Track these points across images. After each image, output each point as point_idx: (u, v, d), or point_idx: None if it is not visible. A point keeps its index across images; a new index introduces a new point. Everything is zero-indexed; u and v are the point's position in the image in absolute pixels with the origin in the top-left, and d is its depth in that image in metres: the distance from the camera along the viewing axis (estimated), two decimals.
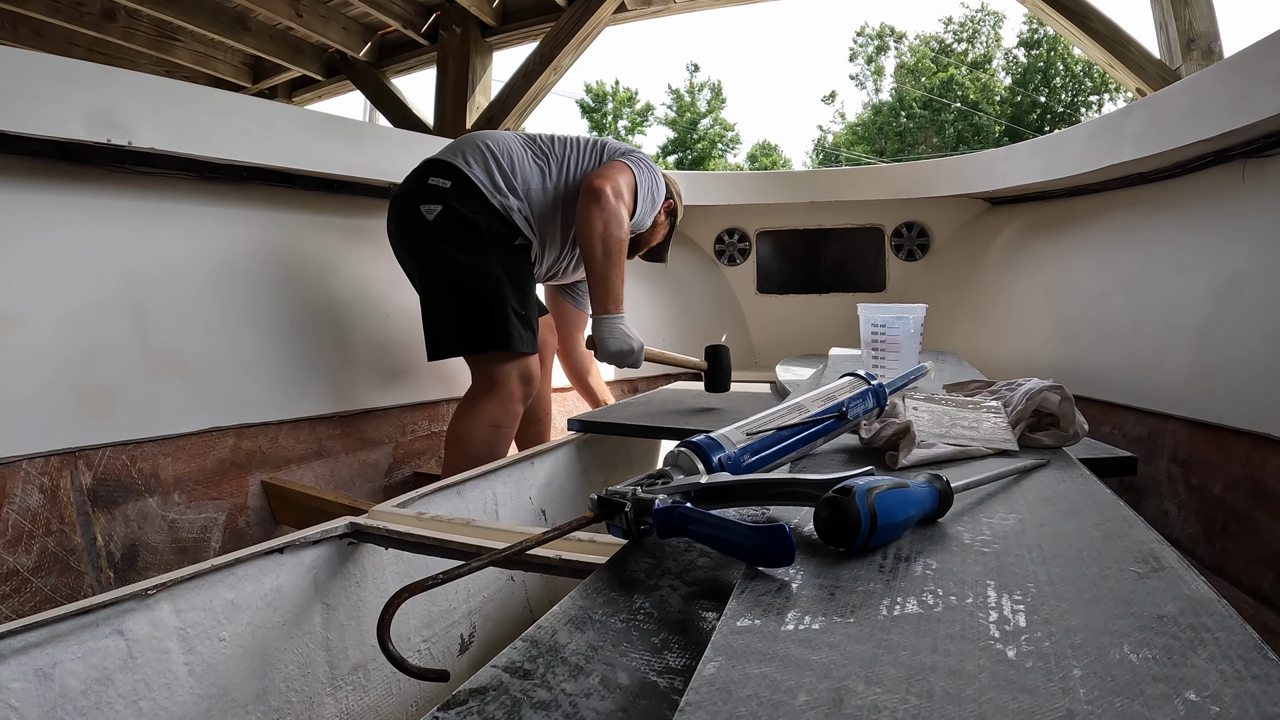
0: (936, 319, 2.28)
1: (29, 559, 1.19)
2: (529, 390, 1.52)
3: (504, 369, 1.47)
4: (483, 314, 1.43)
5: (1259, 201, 1.37)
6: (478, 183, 1.45)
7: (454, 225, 1.43)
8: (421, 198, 1.45)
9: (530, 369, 1.51)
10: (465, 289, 1.44)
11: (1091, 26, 2.63)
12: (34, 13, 3.37)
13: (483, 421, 1.46)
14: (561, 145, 1.59)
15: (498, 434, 1.47)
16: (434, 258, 1.45)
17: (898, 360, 1.31)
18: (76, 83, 1.26)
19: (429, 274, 1.47)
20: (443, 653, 1.01)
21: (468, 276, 1.44)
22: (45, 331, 1.26)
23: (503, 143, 1.53)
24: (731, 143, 30.07)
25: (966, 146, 23.13)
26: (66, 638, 0.64)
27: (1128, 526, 0.55)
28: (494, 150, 1.50)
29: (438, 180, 1.45)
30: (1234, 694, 0.32)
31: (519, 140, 1.57)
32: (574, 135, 1.64)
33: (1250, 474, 1.23)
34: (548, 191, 1.54)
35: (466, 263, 1.43)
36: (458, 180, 1.44)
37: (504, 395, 1.47)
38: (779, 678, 0.35)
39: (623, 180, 1.49)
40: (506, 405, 1.48)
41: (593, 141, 1.63)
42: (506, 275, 1.46)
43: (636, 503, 0.58)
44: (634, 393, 2.56)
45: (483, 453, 1.45)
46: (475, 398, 1.50)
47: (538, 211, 1.53)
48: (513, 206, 1.48)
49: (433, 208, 1.43)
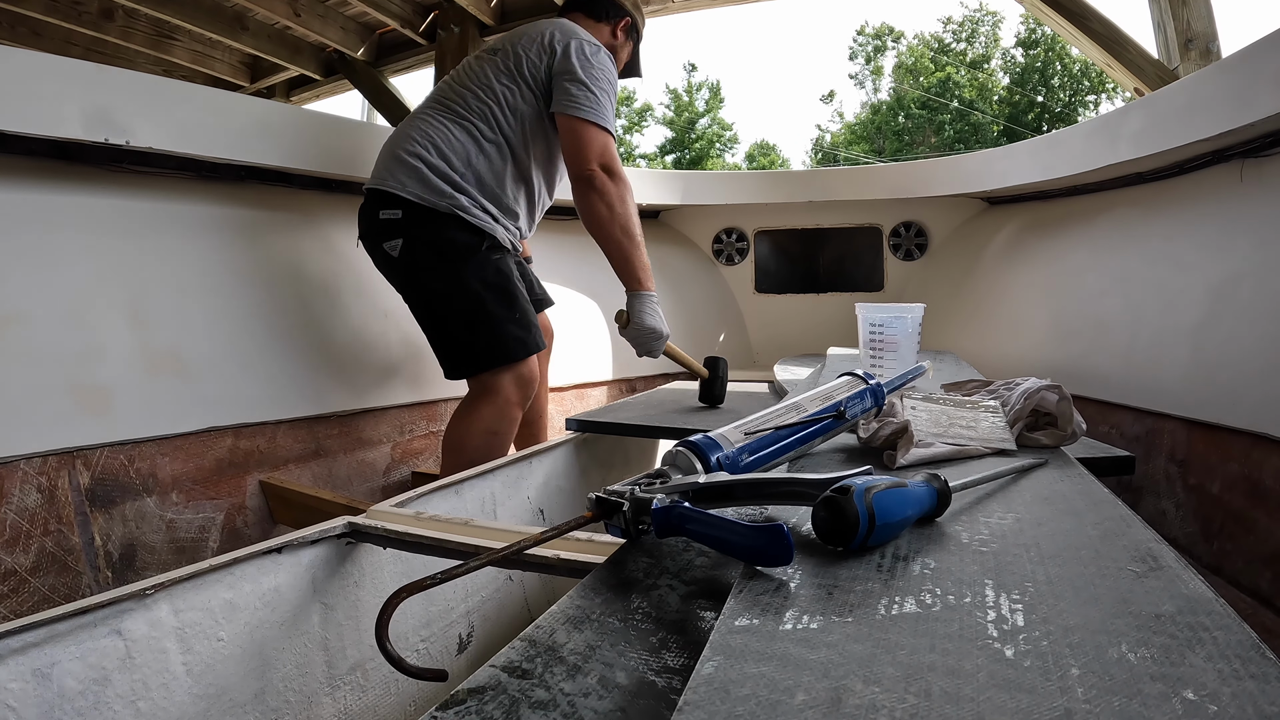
0: (934, 318, 2.29)
1: (27, 559, 1.19)
2: (526, 394, 1.49)
3: (498, 377, 1.45)
4: (469, 337, 1.44)
5: (1257, 201, 1.37)
6: (423, 202, 1.40)
7: (420, 254, 1.42)
8: (381, 236, 1.43)
9: (526, 372, 1.48)
10: (447, 315, 1.45)
11: (1089, 26, 2.63)
12: (32, 12, 3.37)
13: (479, 428, 1.45)
14: (479, 97, 1.48)
15: (494, 440, 1.45)
16: (413, 290, 1.47)
17: (896, 360, 1.31)
18: (74, 82, 1.26)
19: (415, 306, 1.49)
20: (441, 652, 1.01)
21: (444, 303, 1.45)
22: (43, 331, 1.26)
23: (421, 138, 1.44)
24: (730, 142, 30.09)
25: (964, 146, 23.15)
26: (64, 638, 0.64)
27: (1126, 526, 0.55)
28: (418, 153, 1.43)
29: (389, 213, 1.42)
30: (1232, 693, 0.32)
31: (435, 120, 1.47)
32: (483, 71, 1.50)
33: (1248, 473, 1.23)
34: (490, 154, 1.47)
35: (442, 290, 1.44)
36: (406, 208, 1.41)
37: (499, 402, 1.45)
38: (777, 677, 0.35)
39: (597, 144, 1.44)
40: (503, 412, 1.46)
41: (509, 70, 1.49)
42: (486, 287, 1.43)
43: (635, 502, 0.58)
44: (632, 392, 2.56)
45: (479, 459, 1.43)
46: (472, 403, 1.48)
47: (490, 182, 1.47)
48: (465, 205, 1.42)
49: (394, 243, 1.43)
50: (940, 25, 31.88)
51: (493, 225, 1.47)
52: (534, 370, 1.50)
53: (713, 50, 70.68)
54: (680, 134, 29.38)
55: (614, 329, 2.51)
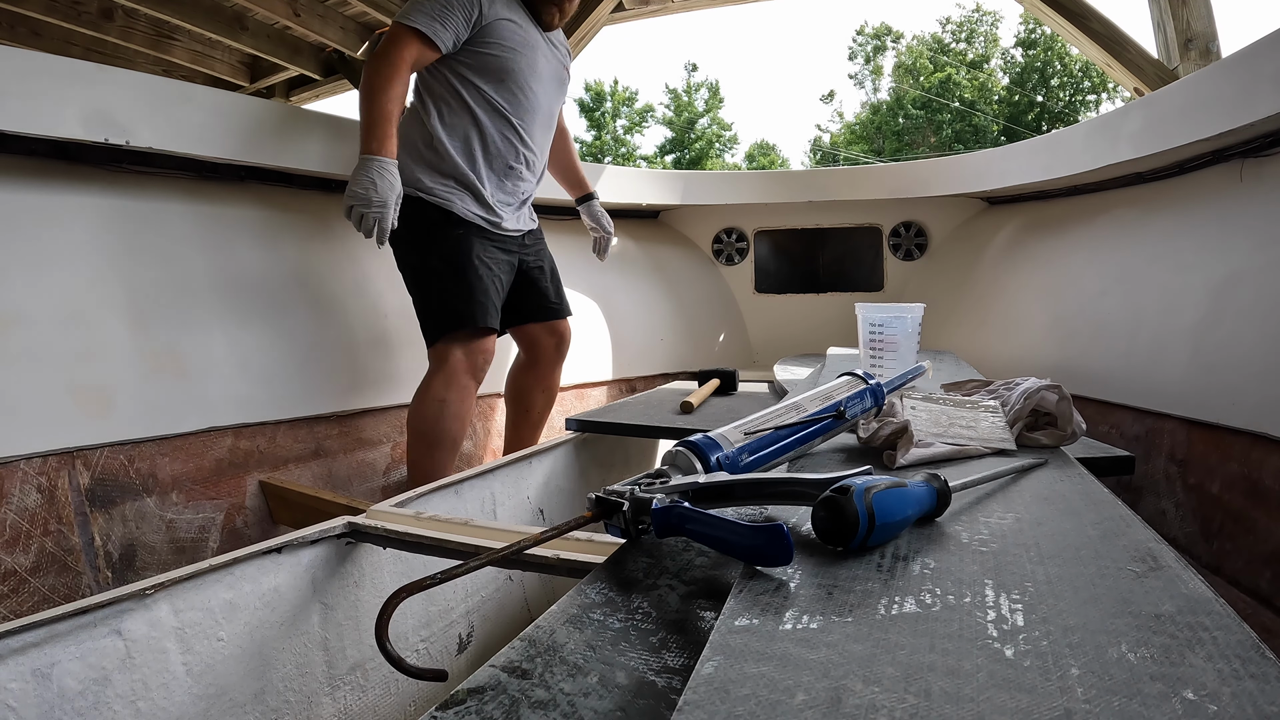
0: (934, 318, 2.29)
1: (27, 559, 1.19)
2: (474, 364, 1.52)
3: (447, 347, 1.50)
4: (423, 307, 1.53)
5: (1256, 201, 1.37)
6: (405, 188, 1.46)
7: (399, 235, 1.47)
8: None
9: (476, 344, 1.51)
10: (412, 289, 1.56)
11: (1089, 26, 2.63)
12: (32, 12, 3.36)
13: (429, 397, 1.49)
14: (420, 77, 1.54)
15: (443, 409, 1.48)
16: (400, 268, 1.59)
17: (895, 360, 1.31)
18: (74, 82, 1.26)
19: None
20: (441, 652, 1.01)
21: (410, 277, 1.56)
22: (43, 331, 1.26)
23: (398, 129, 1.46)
24: (729, 142, 30.08)
25: (964, 146, 23.15)
26: (64, 638, 0.64)
27: (1125, 526, 0.55)
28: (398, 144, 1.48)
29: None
30: (1231, 693, 0.32)
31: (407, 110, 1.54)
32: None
33: (1248, 473, 1.23)
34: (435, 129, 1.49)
35: (409, 266, 1.55)
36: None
37: (446, 370, 1.49)
38: (777, 677, 0.35)
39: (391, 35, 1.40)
40: (450, 379, 1.49)
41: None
42: (441, 261, 1.50)
43: (634, 502, 0.58)
44: (632, 392, 2.56)
45: (430, 429, 1.48)
46: (427, 375, 1.53)
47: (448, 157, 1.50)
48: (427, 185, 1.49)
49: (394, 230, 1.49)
50: (939, 26, 31.87)
51: (448, 200, 1.51)
52: (484, 345, 1.53)
53: (713, 50, 70.71)
54: (680, 134, 29.38)
55: (614, 329, 2.52)
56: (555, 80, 1.65)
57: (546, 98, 1.62)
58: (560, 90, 1.69)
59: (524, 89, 1.55)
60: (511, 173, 1.59)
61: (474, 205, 1.53)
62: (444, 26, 1.41)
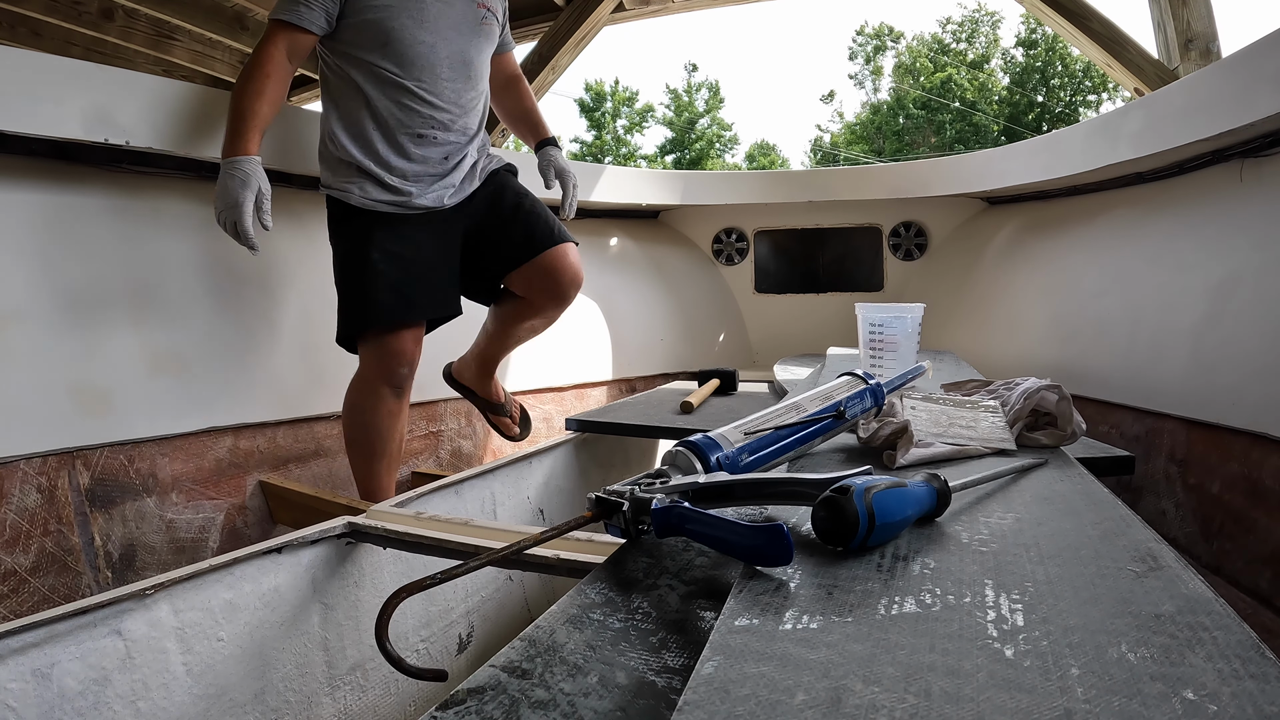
0: (934, 318, 2.28)
1: (26, 559, 1.19)
2: (385, 367, 1.41)
3: (361, 351, 1.43)
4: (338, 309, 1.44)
5: (1256, 201, 1.37)
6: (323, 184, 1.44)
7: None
8: None
9: (383, 345, 1.40)
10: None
11: (1089, 26, 2.64)
12: (32, 12, 3.36)
13: (346, 402, 1.45)
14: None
15: (355, 416, 1.44)
16: None
17: (895, 360, 1.31)
18: (74, 82, 1.26)
19: None
20: (441, 652, 1.02)
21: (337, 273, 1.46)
22: (43, 331, 1.26)
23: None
24: (729, 142, 30.09)
25: (964, 146, 23.16)
26: (64, 638, 0.64)
27: (1125, 526, 0.55)
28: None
29: None
30: (1231, 693, 0.32)
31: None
32: None
33: (1248, 473, 1.23)
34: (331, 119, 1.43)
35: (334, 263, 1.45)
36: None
37: (357, 375, 1.44)
38: (777, 677, 0.35)
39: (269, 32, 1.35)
40: (360, 385, 1.43)
41: None
42: (341, 259, 1.43)
43: (634, 502, 0.58)
44: (632, 392, 2.56)
45: (354, 436, 1.44)
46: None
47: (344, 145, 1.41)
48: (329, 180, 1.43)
49: None
50: (940, 26, 31.88)
51: (345, 191, 1.41)
52: (393, 346, 1.41)
53: (713, 50, 70.71)
54: (680, 134, 29.38)
55: (614, 329, 2.52)
56: (464, 21, 1.46)
57: (450, 44, 1.44)
58: (475, 30, 1.49)
59: (412, 45, 1.39)
60: (423, 140, 1.43)
61: (374, 190, 1.41)
62: (308, 6, 1.34)
